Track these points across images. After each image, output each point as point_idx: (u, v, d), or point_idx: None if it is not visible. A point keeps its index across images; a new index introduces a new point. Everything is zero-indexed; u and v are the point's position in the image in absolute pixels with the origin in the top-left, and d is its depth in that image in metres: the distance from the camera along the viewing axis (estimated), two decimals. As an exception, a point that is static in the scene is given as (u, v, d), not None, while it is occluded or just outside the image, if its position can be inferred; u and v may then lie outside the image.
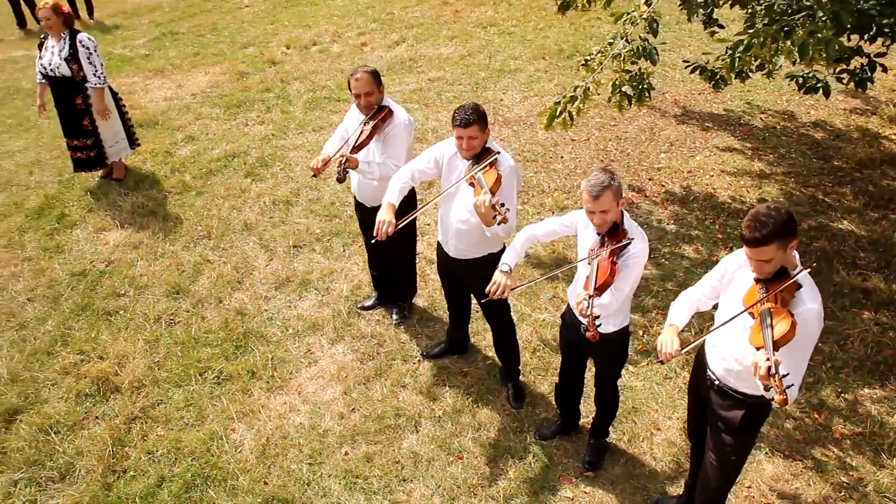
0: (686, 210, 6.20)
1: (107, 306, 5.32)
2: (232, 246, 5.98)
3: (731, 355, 3.04)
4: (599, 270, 3.26)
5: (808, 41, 3.14)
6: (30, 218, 6.35)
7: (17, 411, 4.48)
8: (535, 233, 3.72)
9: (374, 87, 4.25)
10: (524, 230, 3.74)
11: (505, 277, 3.57)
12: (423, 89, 8.50)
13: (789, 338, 2.70)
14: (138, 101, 8.51)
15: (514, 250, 3.68)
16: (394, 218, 3.80)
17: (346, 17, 11.07)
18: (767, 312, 2.77)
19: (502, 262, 3.64)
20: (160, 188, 6.75)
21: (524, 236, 3.71)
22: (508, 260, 3.65)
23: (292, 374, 4.80)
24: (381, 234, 3.75)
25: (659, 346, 3.12)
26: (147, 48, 10.40)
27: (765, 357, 2.60)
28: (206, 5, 12.33)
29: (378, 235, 3.74)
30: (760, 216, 2.75)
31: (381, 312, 5.29)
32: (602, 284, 3.23)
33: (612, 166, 6.83)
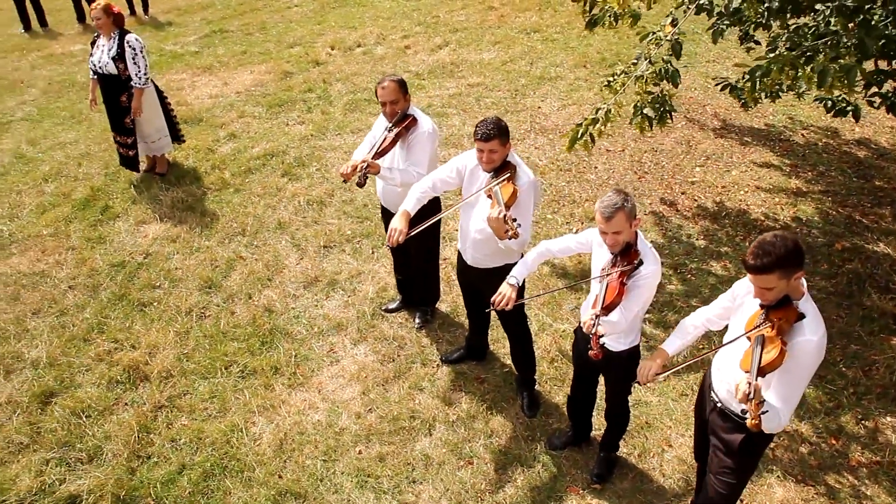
0: (717, 226, 6.17)
1: (142, 297, 5.58)
2: (265, 243, 6.19)
3: (733, 379, 3.08)
4: (608, 290, 3.32)
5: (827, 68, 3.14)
6: (76, 208, 6.67)
7: (52, 394, 4.75)
8: (550, 248, 3.79)
9: (399, 96, 4.38)
10: (540, 245, 3.82)
11: (511, 290, 3.66)
12: (462, 94, 8.61)
13: (776, 365, 2.74)
14: (185, 98, 8.83)
15: (525, 264, 3.76)
16: (407, 227, 3.92)
17: (392, 20, 11.25)
18: (761, 338, 2.81)
19: (511, 275, 3.73)
20: (200, 184, 7.01)
21: (538, 251, 3.79)
22: (517, 273, 3.74)
23: (314, 371, 4.97)
24: (392, 241, 3.88)
25: (639, 368, 3.21)
26: (197, 45, 10.76)
27: (746, 380, 2.66)
28: (257, 3, 12.66)
29: (389, 242, 3.88)
30: (765, 244, 2.78)
31: (404, 315, 5.42)
32: (609, 304, 3.30)
33: (634, 183, 6.84)
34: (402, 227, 3.90)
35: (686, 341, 3.50)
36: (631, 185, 6.75)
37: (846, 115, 4.61)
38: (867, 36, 3.11)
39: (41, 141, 7.99)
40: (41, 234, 6.34)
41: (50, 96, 9.24)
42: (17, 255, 6.10)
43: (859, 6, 3.32)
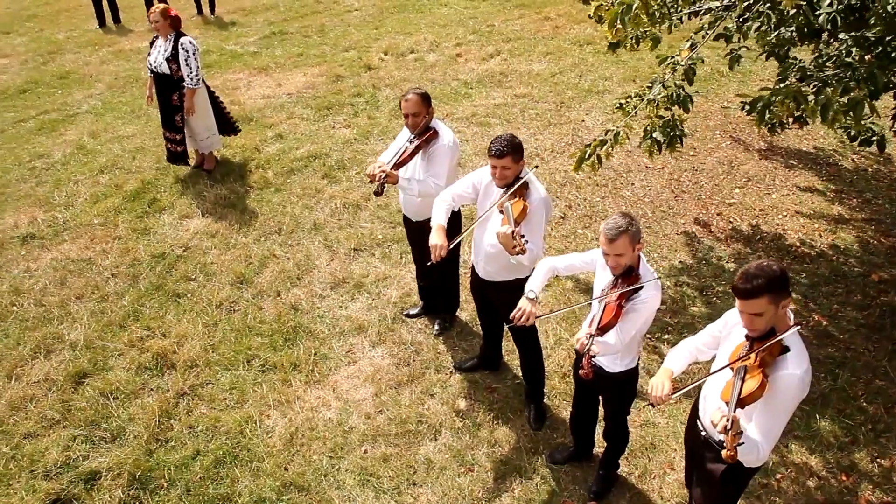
0: (750, 250, 6.13)
1: (177, 288, 5.91)
2: (298, 243, 6.46)
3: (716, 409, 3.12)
4: (605, 311, 3.41)
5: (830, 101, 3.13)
6: (126, 200, 7.10)
7: (85, 375, 5.11)
8: (555, 265, 3.88)
9: (421, 109, 4.56)
10: (546, 261, 3.91)
11: (530, 304, 3.69)
12: (507, 105, 8.74)
13: (756, 397, 2.79)
14: (239, 98, 9.24)
15: (539, 280, 3.82)
16: (446, 240, 4.06)
17: (447, 27, 11.47)
18: (742, 369, 2.86)
19: (528, 289, 3.77)
20: (243, 182, 7.36)
21: (544, 269, 3.86)
22: (535, 287, 3.76)
23: (331, 370, 5.19)
24: (435, 257, 4.01)
25: (650, 389, 3.24)
26: (257, 46, 11.22)
27: (722, 412, 2.71)
28: (318, 6, 13.10)
29: (434, 259, 4.01)
30: (753, 269, 2.84)
31: (424, 322, 5.59)
32: (605, 325, 3.38)
33: (670, 202, 6.83)
34: (442, 241, 4.02)
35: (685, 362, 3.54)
36: (666, 204, 6.75)
37: (870, 144, 4.54)
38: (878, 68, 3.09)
39: (102, 133, 8.51)
40: (92, 223, 6.77)
41: (114, 91, 9.80)
42: (69, 241, 6.55)
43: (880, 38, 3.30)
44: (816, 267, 5.89)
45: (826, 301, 5.57)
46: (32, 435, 4.67)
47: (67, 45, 11.91)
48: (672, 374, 3.33)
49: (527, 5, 12.10)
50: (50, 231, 6.70)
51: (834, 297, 5.61)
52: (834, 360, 5.10)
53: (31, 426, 4.72)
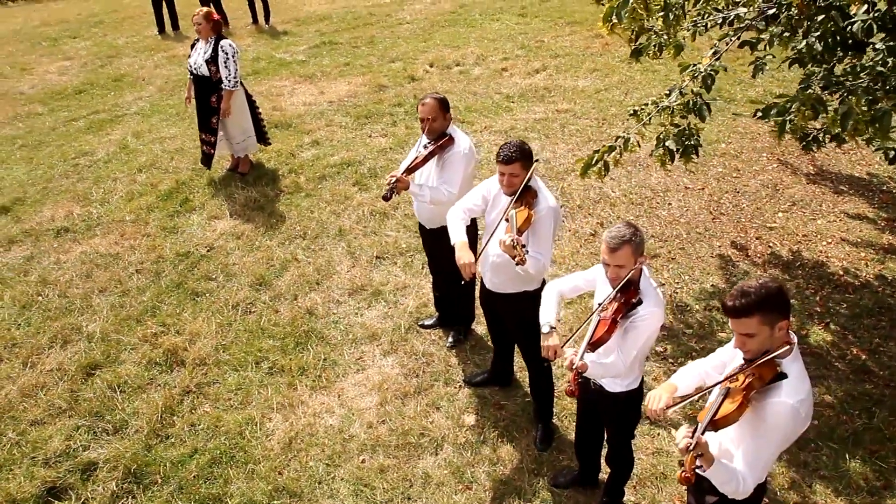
0: (788, 276, 5.84)
1: (197, 287, 5.97)
2: (322, 248, 6.46)
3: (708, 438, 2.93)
4: (599, 325, 3.26)
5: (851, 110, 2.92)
6: (159, 199, 7.25)
7: (97, 366, 5.18)
8: (561, 289, 3.72)
9: (438, 114, 4.50)
10: (551, 286, 3.76)
11: (551, 338, 3.47)
12: (548, 119, 8.63)
13: (731, 420, 2.61)
14: (281, 104, 9.38)
15: (549, 309, 3.63)
16: (472, 255, 3.98)
17: (496, 42, 11.44)
18: (725, 390, 2.68)
19: (543, 323, 3.56)
20: (275, 186, 7.43)
21: (553, 293, 3.70)
22: (549, 318, 3.56)
23: (339, 377, 5.14)
24: (467, 275, 3.93)
25: (646, 400, 3.08)
26: (305, 55, 11.40)
27: (691, 431, 2.55)
28: (371, 19, 13.25)
29: (467, 277, 3.93)
30: (745, 286, 2.68)
31: (438, 333, 5.50)
32: (596, 341, 3.23)
33: (707, 224, 6.58)
34: (470, 258, 3.95)
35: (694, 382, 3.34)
36: (703, 225, 6.51)
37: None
38: (910, 78, 2.88)
39: (145, 134, 8.74)
40: (124, 220, 6.93)
41: (163, 94, 10.08)
42: (100, 236, 6.71)
43: (919, 48, 3.08)
44: (859, 297, 5.56)
45: (867, 334, 5.25)
46: (39, 422, 4.75)
47: (126, 49, 12.35)
48: (675, 390, 3.15)
49: (579, 22, 11.98)
50: (83, 225, 6.88)
51: (876, 330, 5.28)
52: (871, 396, 4.78)
53: (38, 414, 4.80)
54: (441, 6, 13.75)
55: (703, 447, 2.62)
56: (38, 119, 9.56)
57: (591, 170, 4.18)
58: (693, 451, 2.52)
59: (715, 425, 2.66)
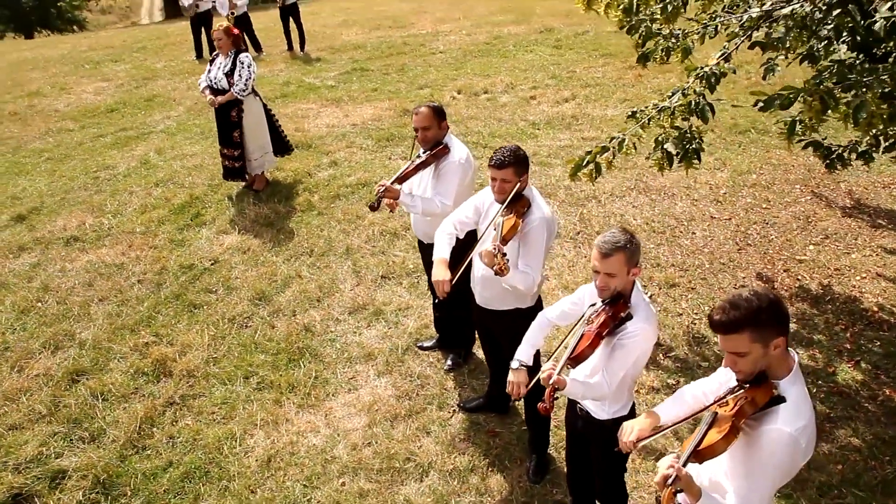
0: (816, 311, 5.47)
1: (196, 299, 5.87)
2: (327, 266, 6.32)
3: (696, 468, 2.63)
4: (581, 339, 3.01)
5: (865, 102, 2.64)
6: (171, 212, 7.23)
7: (83, 373, 5.08)
8: (548, 316, 3.48)
9: (432, 123, 4.35)
10: (539, 316, 3.53)
11: (517, 375, 3.31)
12: (572, 146, 8.43)
13: (717, 451, 2.31)
14: (304, 126, 9.38)
15: (528, 343, 3.44)
16: (448, 273, 3.77)
17: (528, 72, 11.35)
18: (713, 416, 2.39)
19: (514, 358, 3.39)
20: (288, 204, 7.35)
21: (537, 322, 3.47)
22: (521, 356, 3.38)
23: (329, 396, 4.93)
24: (441, 293, 3.73)
25: (620, 431, 2.80)
26: (335, 80, 11.47)
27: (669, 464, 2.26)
28: (405, 48, 13.32)
29: (441, 296, 3.74)
30: (735, 298, 2.39)
31: (437, 356, 5.27)
32: (577, 355, 2.98)
33: (732, 254, 6.25)
34: (445, 276, 3.73)
35: (682, 410, 3.06)
36: (727, 256, 6.19)
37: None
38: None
39: (167, 151, 8.80)
40: (134, 231, 6.91)
41: (191, 114, 10.20)
42: (108, 247, 6.69)
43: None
44: (895, 335, 5.17)
45: (901, 375, 4.85)
46: (17, 427, 4.65)
47: (163, 73, 12.61)
48: (656, 421, 2.86)
49: (613, 54, 11.82)
50: (93, 235, 6.88)
51: (911, 371, 4.88)
52: (902, 442, 4.38)
53: (18, 418, 4.70)
54: (476, 38, 13.77)
55: (685, 480, 2.34)
56: (67, 134, 9.73)
57: (581, 171, 3.95)
58: (672, 485, 2.23)
59: (698, 456, 2.37)
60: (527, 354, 3.39)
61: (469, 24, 15.19)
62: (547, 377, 2.92)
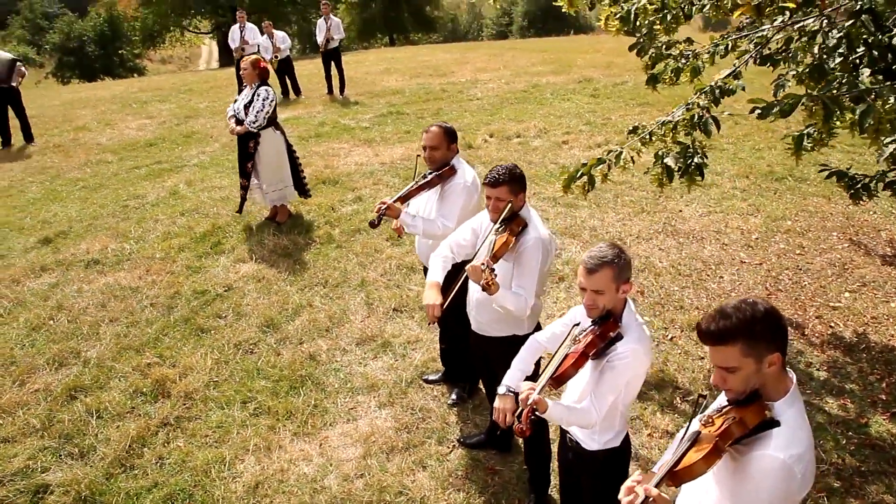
0: (849, 359, 5.15)
1: (204, 324, 5.83)
2: (340, 297, 6.25)
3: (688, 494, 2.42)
4: (566, 358, 2.84)
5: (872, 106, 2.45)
6: (192, 240, 7.29)
7: (81, 390, 5.05)
8: (538, 339, 3.32)
9: (440, 143, 4.30)
10: (529, 339, 3.37)
11: (503, 401, 3.12)
12: (601, 189, 8.26)
13: (696, 472, 2.11)
14: (333, 163, 9.47)
15: (517, 367, 3.28)
16: (440, 297, 3.67)
17: (563, 118, 11.34)
18: (695, 435, 2.19)
19: (502, 384, 3.21)
20: (307, 236, 7.35)
21: (527, 346, 3.32)
22: (509, 381, 3.21)
23: (326, 425, 4.79)
24: (431, 318, 3.64)
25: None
26: (370, 123, 11.61)
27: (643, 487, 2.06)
28: (442, 94, 13.50)
29: (430, 321, 3.65)
30: (726, 307, 2.22)
31: (442, 389, 5.10)
32: (560, 375, 2.80)
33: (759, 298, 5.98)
34: (435, 300, 3.64)
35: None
36: (755, 301, 5.91)
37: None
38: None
39: (197, 183, 8.96)
40: (153, 257, 6.97)
41: (226, 149, 10.40)
42: (126, 270, 6.75)
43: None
44: (933, 390, 4.83)
45: (939, 431, 4.50)
46: (9, 440, 4.61)
47: (204, 112, 12.97)
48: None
49: (651, 104, 11.74)
50: (114, 259, 6.96)
51: (951, 427, 4.52)
52: (938, 503, 4.02)
53: (11, 431, 4.67)
54: (514, 86, 13.88)
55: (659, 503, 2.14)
56: (105, 166, 10.01)
57: (573, 184, 3.81)
58: None
59: (675, 478, 2.17)
60: (515, 379, 3.22)
61: (509, 73, 15.36)
62: (525, 397, 2.75)
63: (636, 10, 3.41)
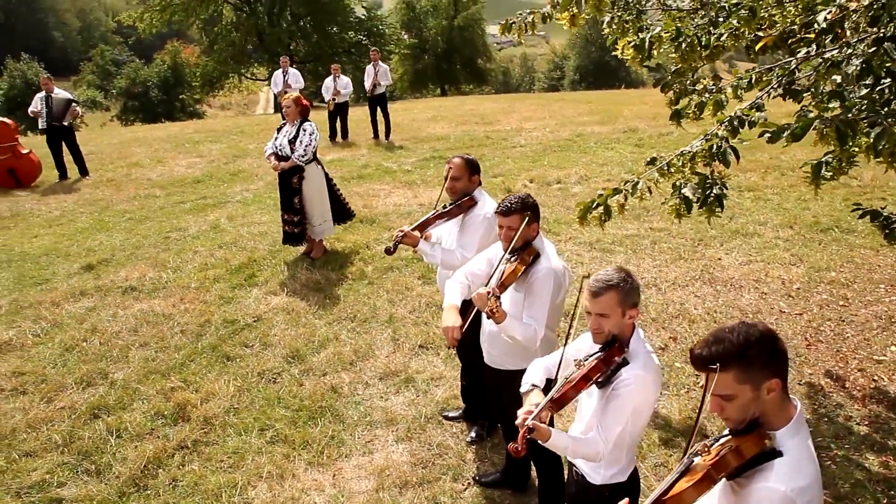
0: (892, 414, 4.92)
1: (230, 352, 5.92)
2: (367, 332, 6.28)
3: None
4: (567, 382, 2.79)
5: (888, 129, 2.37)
6: (228, 272, 7.45)
7: (105, 409, 5.15)
8: (545, 364, 3.29)
9: (463, 174, 4.35)
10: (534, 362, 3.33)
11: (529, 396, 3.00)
12: (639, 236, 8.23)
13: (685, 501, 2.03)
14: (372, 203, 9.62)
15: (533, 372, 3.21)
16: (460, 319, 3.64)
17: (605, 166, 11.34)
18: (688, 463, 2.12)
19: (525, 381, 3.15)
20: (340, 272, 7.44)
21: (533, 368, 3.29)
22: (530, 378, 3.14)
23: (342, 456, 4.77)
24: (451, 341, 3.59)
25: None
26: (412, 166, 11.80)
27: None
28: (486, 141, 13.66)
29: (450, 344, 3.60)
30: (722, 330, 2.17)
31: (461, 427, 5.04)
32: (560, 398, 2.76)
33: (800, 349, 5.79)
34: (455, 322, 3.60)
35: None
36: (794, 351, 5.74)
37: None
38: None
39: (238, 218, 9.19)
40: (188, 286, 7.13)
41: (269, 188, 10.67)
42: (161, 298, 6.92)
43: None
44: (982, 451, 4.57)
45: None
46: (31, 454, 4.71)
47: (253, 152, 13.36)
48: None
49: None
50: (150, 286, 7.15)
51: None
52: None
53: (34, 445, 4.77)
54: (558, 134, 13.97)
55: None
56: (152, 200, 10.36)
57: (589, 214, 3.77)
58: None
59: None
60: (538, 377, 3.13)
61: (554, 122, 15.48)
62: (522, 420, 2.70)
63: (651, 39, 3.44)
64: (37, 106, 11.47)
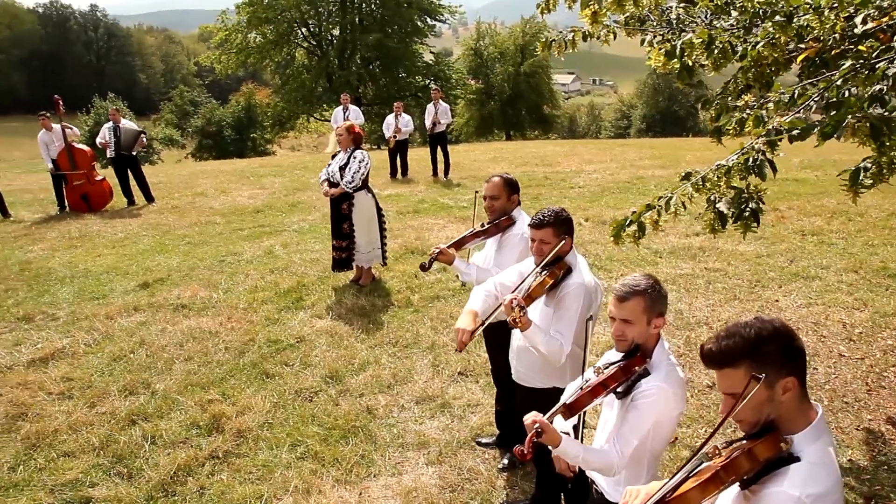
0: (957, 467, 4.61)
1: (271, 370, 5.99)
2: (407, 357, 6.27)
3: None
4: (584, 388, 2.72)
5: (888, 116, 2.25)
6: (276, 295, 7.59)
7: (143, 416, 5.25)
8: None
9: (502, 193, 4.36)
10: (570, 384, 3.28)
11: None
12: (693, 275, 8.03)
13: (690, 501, 1.93)
14: (425, 235, 9.70)
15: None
16: (473, 324, 3.62)
17: (664, 207, 11.14)
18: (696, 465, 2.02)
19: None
20: (387, 299, 7.48)
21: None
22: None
23: (370, 476, 4.73)
24: (459, 343, 3.57)
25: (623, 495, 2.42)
26: (468, 203, 11.86)
27: None
28: (545, 181, 13.66)
29: (458, 347, 3.58)
30: (735, 325, 2.09)
31: (494, 453, 4.95)
32: (574, 403, 2.69)
33: (860, 394, 5.49)
34: (466, 325, 3.59)
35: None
36: (853, 396, 5.45)
37: None
38: None
39: (292, 245, 9.39)
40: (236, 306, 7.29)
41: (325, 219, 10.76)
42: (209, 317, 7.08)
43: None
44: None
45: None
46: (69, 454, 4.84)
47: (314, 186, 13.69)
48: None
49: (761, 198, 11.37)
50: (200, 305, 7.34)
51: None
52: None
53: (73, 447, 4.90)
54: (618, 176, 13.87)
55: None
56: (212, 226, 10.70)
57: (623, 232, 3.69)
58: None
59: None
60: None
61: (615, 165, 15.39)
62: (531, 423, 2.64)
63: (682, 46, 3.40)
64: (105, 136, 12.08)
